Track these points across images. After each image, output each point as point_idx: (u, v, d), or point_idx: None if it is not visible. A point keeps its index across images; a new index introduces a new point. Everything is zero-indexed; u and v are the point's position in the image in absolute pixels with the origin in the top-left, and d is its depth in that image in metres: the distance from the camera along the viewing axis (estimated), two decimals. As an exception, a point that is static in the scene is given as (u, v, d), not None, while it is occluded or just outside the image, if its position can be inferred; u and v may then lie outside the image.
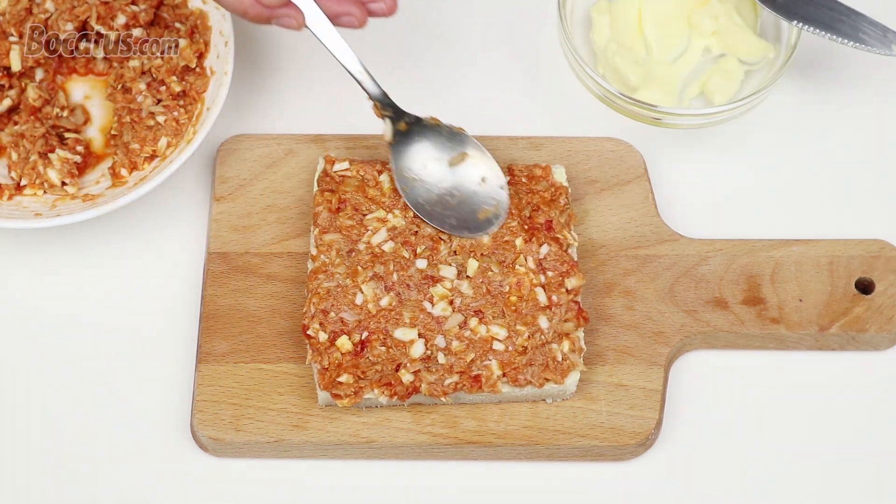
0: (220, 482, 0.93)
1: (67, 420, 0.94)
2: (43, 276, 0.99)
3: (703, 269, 0.98)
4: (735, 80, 1.03)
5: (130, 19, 1.03)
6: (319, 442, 0.92)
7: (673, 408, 0.95)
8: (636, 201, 1.00)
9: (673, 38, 1.04)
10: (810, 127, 1.05)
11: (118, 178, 1.00)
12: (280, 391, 0.93)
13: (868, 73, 1.07)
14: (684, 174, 1.03)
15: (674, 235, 0.99)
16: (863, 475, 0.93)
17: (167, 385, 0.95)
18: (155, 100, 1.01)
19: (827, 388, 0.96)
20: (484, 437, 0.92)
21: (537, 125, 1.04)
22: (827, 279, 0.97)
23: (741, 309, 0.96)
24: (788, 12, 1.01)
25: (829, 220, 1.01)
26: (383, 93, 0.96)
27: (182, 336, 0.97)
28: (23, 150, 1.00)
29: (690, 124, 1.02)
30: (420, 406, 0.93)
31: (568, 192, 0.97)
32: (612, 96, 1.02)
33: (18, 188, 1.00)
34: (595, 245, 0.98)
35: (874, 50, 0.99)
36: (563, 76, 1.06)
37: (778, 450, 0.94)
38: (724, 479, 0.93)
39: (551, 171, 0.97)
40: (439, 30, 1.08)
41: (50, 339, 0.97)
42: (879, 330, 0.96)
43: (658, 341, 0.95)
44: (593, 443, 0.92)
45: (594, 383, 0.94)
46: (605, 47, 1.04)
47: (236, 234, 0.98)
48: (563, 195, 0.96)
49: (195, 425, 0.92)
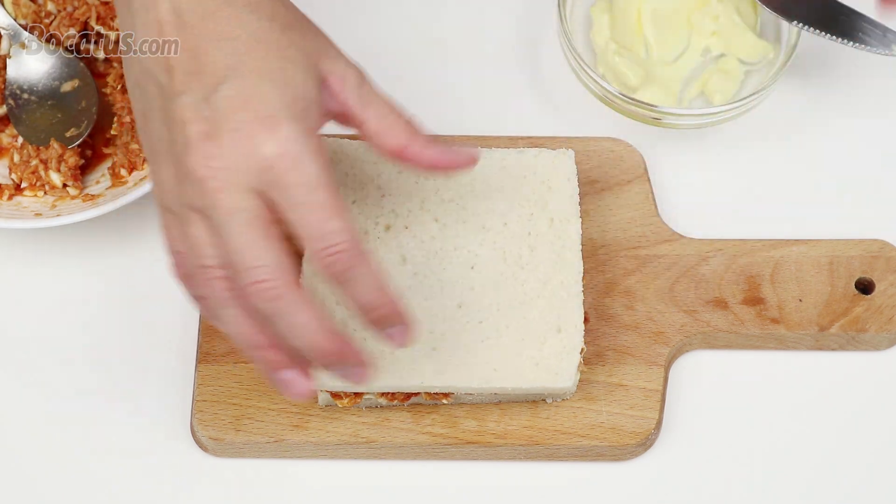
0: (220, 482, 0.93)
1: (67, 420, 0.94)
2: (43, 276, 0.99)
3: (703, 269, 0.98)
4: (735, 80, 1.03)
5: (130, 19, 1.03)
6: (319, 442, 0.92)
7: (673, 408, 0.95)
8: (636, 201, 1.00)
9: (673, 38, 1.04)
10: (810, 127, 1.05)
11: (118, 178, 1.00)
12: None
13: (868, 73, 1.07)
14: (684, 174, 1.03)
15: (674, 235, 0.99)
16: (863, 475, 0.93)
17: (167, 385, 0.95)
18: (155, 100, 1.01)
19: (827, 388, 0.96)
20: (484, 437, 0.92)
21: (537, 125, 1.04)
22: (827, 279, 0.97)
23: (741, 309, 0.96)
24: (788, 12, 1.01)
25: (829, 220, 1.01)
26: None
27: (182, 336, 0.97)
28: (25, 153, 1.00)
29: (690, 124, 1.02)
30: (420, 406, 0.93)
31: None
32: (612, 96, 1.02)
33: (18, 189, 1.00)
34: (595, 245, 0.98)
35: (874, 50, 0.99)
36: (563, 76, 1.06)
37: (778, 450, 0.94)
38: (724, 479, 0.93)
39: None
40: (439, 30, 1.08)
41: (49, 339, 0.97)
42: (879, 330, 0.96)
43: (658, 341, 0.95)
44: (593, 443, 0.92)
45: (594, 383, 0.94)
46: (605, 47, 1.04)
47: (236, 234, 0.98)
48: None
49: (195, 425, 0.92)
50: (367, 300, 0.77)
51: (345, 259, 0.75)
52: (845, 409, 0.95)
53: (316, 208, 0.75)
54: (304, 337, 0.75)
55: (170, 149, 0.77)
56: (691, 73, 1.04)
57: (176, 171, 0.76)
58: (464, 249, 0.93)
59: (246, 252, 0.74)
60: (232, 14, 0.77)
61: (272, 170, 0.74)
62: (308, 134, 0.76)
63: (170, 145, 0.77)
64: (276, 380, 0.78)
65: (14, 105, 1.02)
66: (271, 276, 0.74)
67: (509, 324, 0.91)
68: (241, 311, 0.76)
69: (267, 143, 0.75)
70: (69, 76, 1.02)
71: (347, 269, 0.75)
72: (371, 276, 0.76)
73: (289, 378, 0.77)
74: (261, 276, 0.74)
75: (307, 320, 0.75)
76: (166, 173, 0.77)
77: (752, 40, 1.03)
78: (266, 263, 0.74)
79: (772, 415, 0.95)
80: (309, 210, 0.75)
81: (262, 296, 0.74)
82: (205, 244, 0.75)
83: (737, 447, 0.94)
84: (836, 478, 0.93)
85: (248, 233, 0.74)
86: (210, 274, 0.75)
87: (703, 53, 1.04)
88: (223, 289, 0.75)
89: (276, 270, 0.74)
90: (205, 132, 0.75)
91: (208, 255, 0.75)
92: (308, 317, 0.75)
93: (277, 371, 0.77)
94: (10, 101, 1.02)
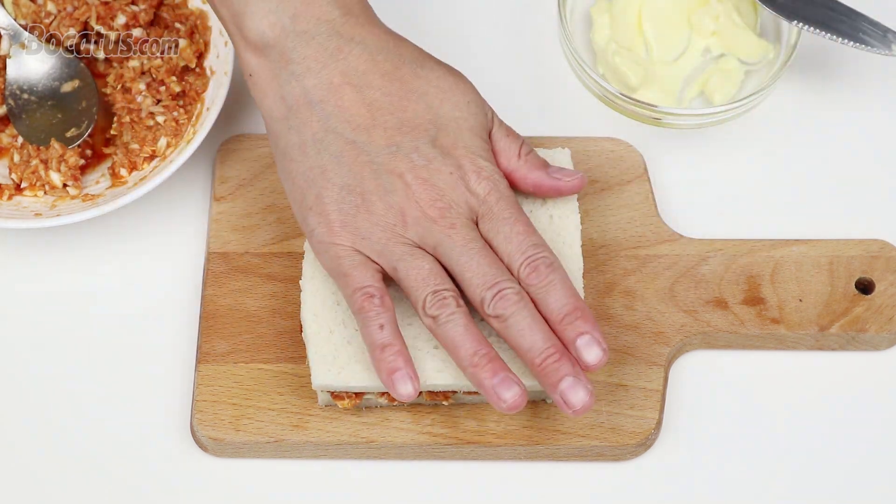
0: (220, 482, 0.93)
1: (67, 420, 0.94)
2: (43, 276, 0.99)
3: (703, 269, 0.98)
4: (735, 80, 1.03)
5: (130, 19, 1.03)
6: (319, 442, 0.92)
7: (673, 408, 0.95)
8: (636, 201, 1.00)
9: (673, 38, 1.04)
10: (810, 127, 1.05)
11: (118, 178, 1.00)
12: (280, 391, 0.93)
13: (868, 73, 1.07)
14: (684, 174, 1.03)
15: (674, 235, 0.99)
16: (863, 475, 0.93)
17: (167, 385, 0.95)
18: (154, 100, 1.01)
19: (827, 388, 0.96)
20: (484, 437, 0.92)
21: (537, 125, 1.04)
22: (827, 279, 0.97)
23: (741, 309, 0.96)
24: (788, 12, 1.01)
25: (829, 220, 1.01)
26: None
27: (182, 336, 0.97)
28: (25, 153, 1.00)
29: (690, 124, 1.02)
30: (420, 406, 0.93)
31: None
32: (612, 96, 1.02)
33: (18, 188, 1.00)
34: (595, 245, 0.98)
35: (874, 50, 0.99)
36: (563, 76, 1.06)
37: (777, 450, 0.94)
38: (724, 479, 0.93)
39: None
40: (438, 30, 1.08)
41: (49, 340, 0.97)
42: (879, 330, 0.96)
43: (658, 341, 0.95)
44: (593, 443, 0.92)
45: (594, 383, 0.93)
46: (605, 47, 1.04)
47: (236, 234, 0.98)
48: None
49: (195, 425, 0.92)
50: (563, 304, 0.86)
51: (547, 264, 0.87)
52: (845, 409, 0.95)
53: (521, 230, 0.88)
54: (534, 334, 0.86)
55: (380, 197, 0.87)
56: (691, 73, 1.04)
57: (390, 218, 0.87)
58: None
59: (489, 272, 0.86)
60: (409, 71, 0.90)
61: (485, 204, 0.88)
62: (495, 164, 0.90)
63: (379, 194, 0.87)
64: (493, 385, 0.86)
65: (14, 105, 1.02)
66: (513, 287, 0.86)
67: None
68: (468, 325, 0.86)
69: (479, 184, 0.88)
70: (69, 76, 1.02)
71: (550, 272, 0.87)
72: (567, 281, 0.87)
73: (503, 379, 0.86)
74: (505, 286, 0.86)
75: (536, 317, 0.86)
76: (369, 221, 0.87)
77: (752, 40, 1.03)
78: (509, 278, 0.87)
79: (772, 415, 0.95)
80: (516, 232, 0.87)
81: (509, 300, 0.86)
82: (435, 273, 0.87)
83: (737, 447, 0.94)
84: (836, 477, 0.93)
85: (485, 258, 0.87)
86: (444, 295, 0.86)
87: (703, 53, 1.04)
88: (455, 306, 0.86)
89: (512, 282, 0.86)
90: (424, 180, 0.87)
91: (439, 280, 0.86)
92: (537, 315, 0.86)
93: (496, 375, 0.85)
94: (10, 102, 1.02)
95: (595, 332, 0.86)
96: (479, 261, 0.86)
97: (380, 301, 0.86)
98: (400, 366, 0.86)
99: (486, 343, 0.86)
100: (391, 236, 0.87)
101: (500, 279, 0.86)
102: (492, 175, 0.89)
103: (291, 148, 0.89)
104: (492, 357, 0.85)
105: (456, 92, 0.90)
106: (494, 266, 0.87)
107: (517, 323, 0.85)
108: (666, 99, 1.02)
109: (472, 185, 0.88)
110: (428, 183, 0.87)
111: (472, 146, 0.89)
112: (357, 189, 0.87)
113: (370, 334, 0.86)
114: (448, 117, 0.90)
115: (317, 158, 0.88)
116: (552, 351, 0.85)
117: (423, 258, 0.87)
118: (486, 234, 0.88)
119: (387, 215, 0.87)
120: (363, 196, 0.87)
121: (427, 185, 0.87)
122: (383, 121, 0.88)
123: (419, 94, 0.89)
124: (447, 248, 0.87)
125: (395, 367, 0.86)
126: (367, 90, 0.88)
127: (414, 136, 0.88)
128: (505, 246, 0.87)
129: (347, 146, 0.88)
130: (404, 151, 0.88)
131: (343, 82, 0.88)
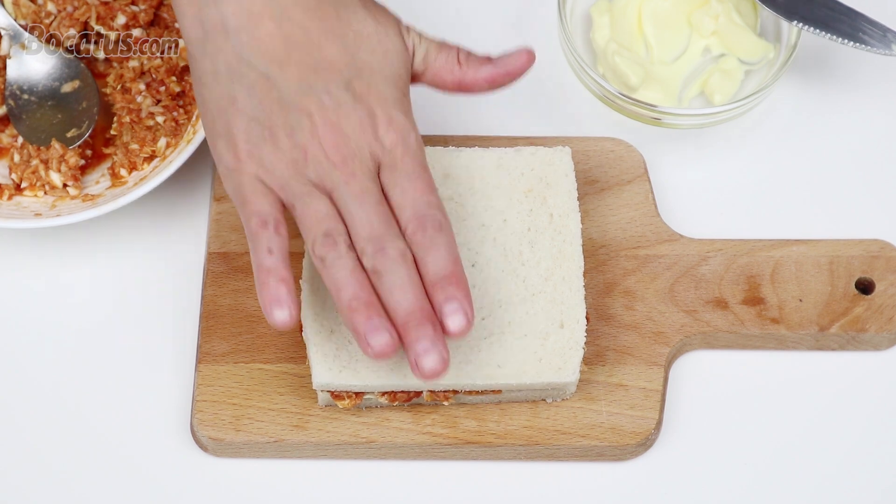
0: (220, 482, 0.93)
1: (67, 420, 0.94)
2: (42, 276, 0.99)
3: (703, 269, 0.98)
4: (735, 80, 1.03)
5: (130, 19, 1.03)
6: (319, 442, 0.92)
7: (673, 408, 0.95)
8: (636, 201, 1.00)
9: (673, 38, 1.04)
10: (810, 127, 1.05)
11: (118, 178, 1.00)
12: (280, 391, 0.93)
13: (868, 73, 1.07)
14: (684, 174, 1.03)
15: (674, 235, 0.99)
16: (863, 475, 0.93)
17: (167, 385, 0.95)
18: (154, 100, 1.01)
19: (827, 388, 0.96)
20: (484, 437, 0.92)
21: (537, 125, 1.04)
22: (827, 279, 0.97)
23: (741, 309, 0.96)
24: (788, 12, 1.01)
25: (829, 220, 1.01)
26: None
27: (182, 336, 0.97)
28: (25, 153, 1.00)
29: (690, 124, 1.02)
30: (420, 406, 0.93)
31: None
32: (612, 96, 1.02)
33: (18, 188, 1.00)
34: (595, 245, 0.98)
35: (874, 50, 0.99)
36: (563, 76, 1.06)
37: (778, 450, 0.94)
38: (724, 479, 0.93)
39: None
40: (438, 29, 1.08)
41: (49, 339, 0.97)
42: (879, 330, 0.96)
43: (658, 341, 0.95)
44: (593, 443, 0.92)
45: (594, 383, 0.94)
46: (605, 47, 1.04)
47: (236, 234, 0.98)
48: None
49: (195, 425, 0.92)
50: (441, 267, 0.85)
51: (435, 225, 0.86)
52: (845, 409, 0.95)
53: (420, 186, 0.86)
54: (405, 293, 0.84)
55: (287, 133, 0.86)
56: (691, 72, 1.04)
57: (295, 154, 0.85)
58: (464, 247, 0.93)
59: (376, 225, 0.85)
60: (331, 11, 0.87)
61: (389, 155, 0.86)
62: (411, 117, 0.88)
63: (286, 130, 0.86)
64: (364, 330, 0.84)
65: (14, 106, 1.02)
66: (395, 245, 0.85)
67: (512, 320, 0.91)
68: (354, 269, 0.85)
69: (387, 134, 0.86)
70: (69, 77, 1.02)
71: (436, 232, 0.85)
72: (452, 246, 0.86)
73: (375, 325, 0.84)
74: (388, 243, 0.85)
75: (411, 277, 0.85)
76: (274, 154, 0.85)
77: (752, 40, 1.03)
78: (395, 235, 0.85)
79: (772, 414, 0.95)
80: (414, 188, 0.86)
81: (387, 256, 0.84)
82: (329, 217, 0.85)
83: (737, 447, 0.94)
84: (836, 477, 0.93)
85: (376, 210, 0.85)
86: (335, 239, 0.85)
87: (703, 53, 1.04)
88: (345, 250, 0.85)
89: (397, 239, 0.85)
90: (332, 123, 0.85)
91: (332, 224, 0.85)
92: (413, 275, 0.85)
93: (370, 319, 0.84)
94: (10, 102, 1.02)
95: (465, 302, 0.84)
96: (370, 212, 0.85)
97: (273, 228, 0.85)
98: (281, 294, 0.84)
99: (370, 290, 0.84)
100: (293, 173, 0.86)
101: (384, 234, 0.85)
102: (402, 127, 0.87)
103: (205, 74, 0.87)
104: (370, 303, 0.84)
105: (374, 38, 0.88)
106: (384, 221, 0.85)
107: (390, 280, 0.84)
108: (666, 99, 1.02)
109: (381, 134, 0.86)
110: (336, 127, 0.86)
111: (387, 95, 0.87)
112: (266, 122, 0.86)
113: (257, 258, 0.85)
114: (364, 62, 0.87)
115: (228, 87, 0.86)
116: (417, 313, 0.84)
117: (320, 200, 0.85)
118: (385, 186, 0.87)
119: (292, 152, 0.86)
120: (271, 130, 0.86)
121: (334, 128, 0.86)
122: (298, 58, 0.86)
123: (337, 35, 0.87)
124: (342, 194, 0.85)
125: (276, 294, 0.84)
126: (286, 23, 0.86)
127: (328, 77, 0.86)
128: (400, 199, 0.86)
129: (260, 79, 0.86)
130: (316, 92, 0.86)
131: (263, 12, 0.86)
